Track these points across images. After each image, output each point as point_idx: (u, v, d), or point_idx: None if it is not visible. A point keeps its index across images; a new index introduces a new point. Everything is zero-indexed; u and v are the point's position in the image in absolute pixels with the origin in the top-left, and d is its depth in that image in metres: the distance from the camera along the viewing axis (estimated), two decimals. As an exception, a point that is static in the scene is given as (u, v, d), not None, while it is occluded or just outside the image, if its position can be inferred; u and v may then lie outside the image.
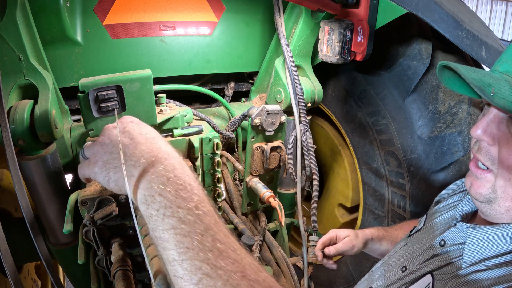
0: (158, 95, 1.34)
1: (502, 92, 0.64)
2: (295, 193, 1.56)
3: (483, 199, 0.74)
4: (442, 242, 0.81)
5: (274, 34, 1.64)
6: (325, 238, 1.30)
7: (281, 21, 1.51)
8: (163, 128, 1.29)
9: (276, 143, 1.46)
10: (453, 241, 0.79)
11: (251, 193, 1.48)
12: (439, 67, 0.76)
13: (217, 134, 1.36)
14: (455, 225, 0.81)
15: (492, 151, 0.71)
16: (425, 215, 1.01)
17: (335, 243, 1.29)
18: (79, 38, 1.37)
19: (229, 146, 1.69)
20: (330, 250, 1.27)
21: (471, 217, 0.85)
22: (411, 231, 1.00)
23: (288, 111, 1.53)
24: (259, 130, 1.42)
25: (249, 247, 1.45)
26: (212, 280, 0.46)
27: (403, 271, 0.86)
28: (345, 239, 1.26)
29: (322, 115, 2.00)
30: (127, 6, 1.41)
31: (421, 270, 0.81)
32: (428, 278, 0.77)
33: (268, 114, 1.37)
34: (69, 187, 1.32)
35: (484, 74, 0.69)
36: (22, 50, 1.11)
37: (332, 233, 1.31)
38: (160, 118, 1.23)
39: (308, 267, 1.47)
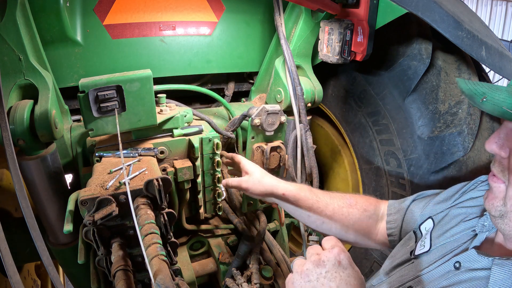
0: (158, 95, 1.34)
1: (495, 99, 0.68)
2: (295, 193, 1.56)
3: (495, 212, 0.73)
4: (457, 265, 0.77)
5: (274, 34, 1.64)
6: (228, 156, 1.30)
7: (281, 21, 1.51)
8: (163, 128, 1.29)
9: (276, 143, 1.46)
10: (470, 265, 0.75)
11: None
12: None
13: (217, 134, 1.36)
14: (478, 248, 0.78)
15: (504, 162, 0.73)
16: (425, 236, 0.94)
17: (238, 168, 1.24)
18: (79, 38, 1.37)
19: (229, 146, 1.69)
20: (224, 182, 1.23)
21: (485, 243, 0.81)
22: (412, 251, 0.93)
23: (288, 111, 1.53)
24: (259, 130, 1.42)
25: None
26: None
27: None
28: (244, 178, 1.17)
29: (322, 115, 2.00)
30: (127, 6, 1.41)
31: None
32: None
33: (268, 114, 1.37)
34: (69, 187, 1.32)
35: (483, 86, 0.73)
36: (22, 50, 1.11)
37: (238, 158, 1.25)
38: (160, 118, 1.23)
39: (308, 267, 1.46)
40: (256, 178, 1.16)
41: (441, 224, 0.93)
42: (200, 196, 1.41)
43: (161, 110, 1.29)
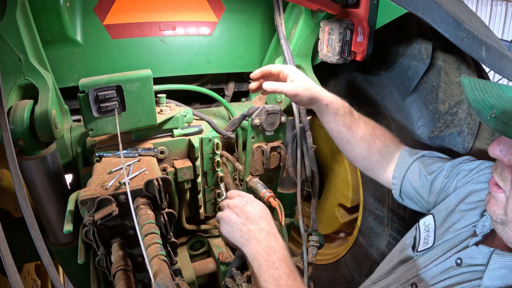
0: (158, 95, 1.34)
1: (504, 115, 0.61)
2: (295, 193, 1.56)
3: (496, 218, 0.72)
4: (459, 261, 0.79)
5: (274, 34, 1.64)
6: (265, 69, 1.20)
7: (281, 21, 1.51)
8: (163, 128, 1.29)
9: (276, 143, 1.47)
10: (471, 261, 0.77)
11: (251, 193, 1.48)
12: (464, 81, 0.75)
13: (217, 134, 1.36)
14: (476, 244, 0.79)
15: (506, 171, 0.70)
16: (429, 232, 0.96)
17: (277, 79, 1.19)
18: (79, 38, 1.37)
19: (229, 146, 1.69)
20: (269, 86, 1.13)
21: (487, 237, 0.82)
22: (414, 245, 0.96)
23: (288, 111, 1.53)
24: (259, 130, 1.42)
25: None
26: None
27: None
28: (291, 83, 1.12)
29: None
30: (127, 6, 1.41)
31: None
32: None
33: (268, 114, 1.37)
34: (69, 187, 1.32)
35: (493, 93, 0.67)
36: (22, 50, 1.11)
37: (278, 67, 1.18)
38: (160, 118, 1.23)
39: (308, 267, 1.46)
40: (304, 83, 1.13)
41: (443, 220, 0.93)
42: (200, 196, 1.41)
43: (161, 110, 1.29)
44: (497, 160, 0.71)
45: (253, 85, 1.25)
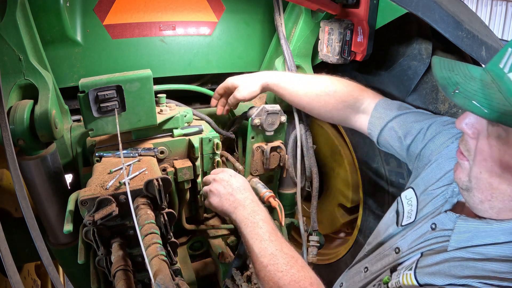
0: (158, 95, 1.34)
1: (467, 91, 0.67)
2: (295, 193, 1.56)
3: (462, 185, 0.79)
4: (434, 226, 0.87)
5: (274, 34, 1.64)
6: (220, 88, 1.41)
7: (281, 21, 1.51)
8: (163, 128, 1.29)
9: (276, 143, 1.47)
10: (443, 226, 0.85)
11: (251, 193, 1.48)
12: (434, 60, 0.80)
13: (217, 134, 1.36)
14: (445, 211, 0.86)
15: (470, 142, 0.76)
16: (411, 207, 1.02)
17: (231, 92, 1.37)
18: (79, 38, 1.37)
19: (229, 146, 1.69)
20: (232, 100, 1.37)
21: (458, 204, 0.89)
22: (398, 220, 1.04)
23: (288, 111, 1.53)
24: (259, 130, 1.42)
25: None
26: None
27: (396, 252, 0.94)
28: (239, 89, 1.32)
29: (322, 115, 2.00)
30: (127, 6, 1.41)
31: (413, 250, 0.89)
32: (417, 256, 0.86)
33: (268, 114, 1.37)
34: (69, 187, 1.32)
35: (459, 72, 0.73)
36: (22, 50, 1.11)
37: (227, 82, 1.38)
38: (160, 118, 1.23)
39: (308, 267, 1.46)
40: (248, 82, 1.33)
41: (422, 191, 1.00)
42: (200, 196, 1.41)
43: (161, 110, 1.29)
44: (463, 132, 0.77)
45: (219, 110, 1.47)
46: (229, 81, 1.37)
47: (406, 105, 1.25)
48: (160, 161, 1.27)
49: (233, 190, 1.08)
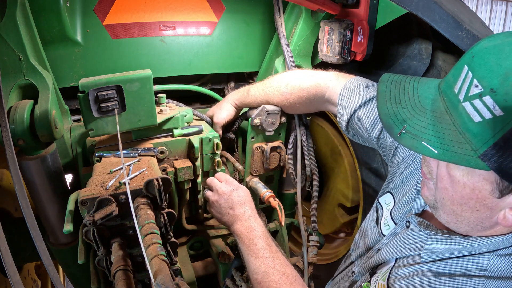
0: (158, 95, 1.34)
1: (416, 129, 0.61)
2: (295, 193, 1.56)
3: (428, 202, 0.77)
4: (408, 224, 0.87)
5: (274, 34, 1.64)
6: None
7: (281, 21, 1.51)
8: (163, 128, 1.29)
9: (276, 143, 1.47)
10: (415, 236, 0.84)
11: (251, 193, 1.48)
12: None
13: (217, 134, 1.36)
14: (419, 214, 0.87)
15: (432, 164, 0.72)
16: (387, 216, 1.02)
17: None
18: (79, 38, 1.37)
19: (229, 146, 1.69)
20: (214, 127, 1.45)
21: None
22: (378, 224, 1.04)
23: (288, 111, 1.53)
24: (259, 130, 1.42)
25: None
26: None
27: (377, 252, 0.96)
28: (217, 110, 1.45)
29: (322, 115, 2.00)
30: (127, 6, 1.41)
31: (390, 252, 0.90)
32: (392, 262, 0.87)
33: (268, 114, 1.37)
34: (69, 187, 1.32)
35: (406, 104, 0.66)
36: (22, 50, 1.11)
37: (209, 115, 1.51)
38: (160, 118, 1.23)
39: (308, 267, 1.47)
40: (218, 105, 1.47)
41: (400, 197, 1.00)
42: (200, 196, 1.41)
43: (161, 110, 1.29)
44: None
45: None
46: (209, 114, 1.50)
47: (372, 84, 1.14)
48: (160, 161, 1.27)
49: (233, 204, 1.12)
